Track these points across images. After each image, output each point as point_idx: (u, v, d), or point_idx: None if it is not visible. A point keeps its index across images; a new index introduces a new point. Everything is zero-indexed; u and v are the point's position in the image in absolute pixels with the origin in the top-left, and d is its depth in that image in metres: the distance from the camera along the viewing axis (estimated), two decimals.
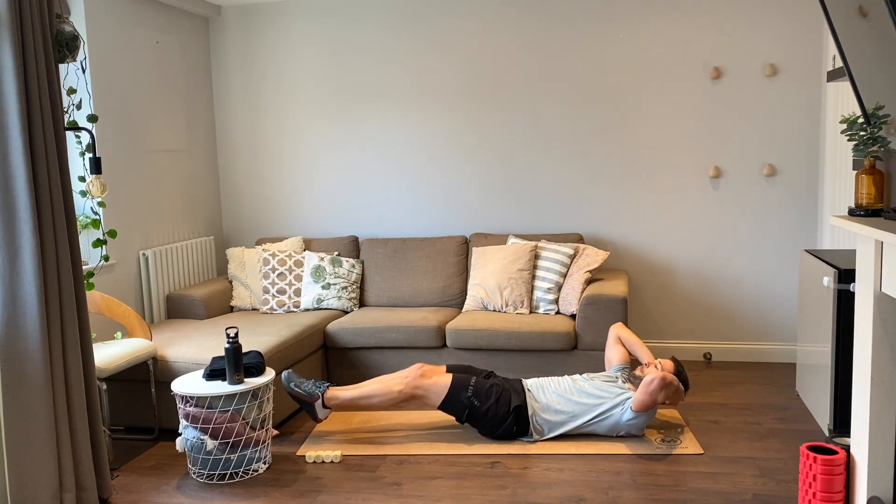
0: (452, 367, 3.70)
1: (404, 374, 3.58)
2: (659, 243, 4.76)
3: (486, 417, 3.49)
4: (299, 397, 3.55)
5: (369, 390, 3.54)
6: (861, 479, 2.54)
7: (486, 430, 3.53)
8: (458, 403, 3.50)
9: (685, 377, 3.57)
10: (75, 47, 2.87)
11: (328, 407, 3.57)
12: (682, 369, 3.58)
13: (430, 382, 3.52)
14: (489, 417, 3.48)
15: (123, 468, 3.40)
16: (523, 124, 4.83)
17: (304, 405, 3.56)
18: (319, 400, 3.55)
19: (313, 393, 3.54)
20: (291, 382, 3.55)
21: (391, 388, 3.52)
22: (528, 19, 4.75)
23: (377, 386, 3.55)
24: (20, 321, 2.71)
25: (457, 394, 3.50)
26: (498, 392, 3.50)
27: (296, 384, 3.55)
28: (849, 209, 2.87)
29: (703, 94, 4.59)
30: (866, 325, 2.48)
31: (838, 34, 2.79)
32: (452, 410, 3.53)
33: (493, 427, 3.50)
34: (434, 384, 3.51)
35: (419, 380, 3.52)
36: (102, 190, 3.12)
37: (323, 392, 3.55)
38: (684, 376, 3.56)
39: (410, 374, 3.55)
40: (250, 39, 5.15)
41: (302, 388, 3.55)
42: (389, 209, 5.09)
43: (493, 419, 3.48)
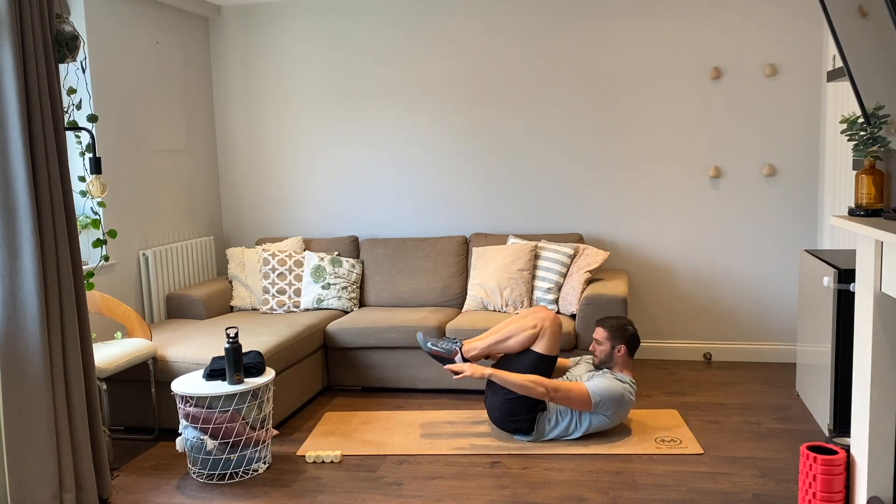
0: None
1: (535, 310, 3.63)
2: (659, 243, 4.76)
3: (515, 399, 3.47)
4: (439, 355, 3.63)
5: (505, 332, 3.58)
6: (861, 479, 2.54)
7: (502, 411, 3.50)
8: (538, 359, 3.52)
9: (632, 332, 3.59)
10: (75, 47, 2.87)
11: (468, 360, 3.62)
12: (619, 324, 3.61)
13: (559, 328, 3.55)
14: (517, 400, 3.46)
15: (123, 468, 3.40)
16: (523, 124, 4.83)
17: (445, 362, 3.64)
18: (458, 354, 3.62)
19: (451, 349, 3.63)
20: (428, 342, 3.64)
21: (525, 326, 3.54)
22: (527, 20, 4.75)
23: (511, 328, 3.58)
24: (20, 321, 2.71)
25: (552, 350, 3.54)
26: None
27: (433, 343, 3.64)
28: (849, 209, 2.87)
29: (703, 94, 4.59)
30: (866, 325, 2.48)
31: (838, 34, 2.79)
32: (527, 357, 3.54)
33: (510, 412, 3.48)
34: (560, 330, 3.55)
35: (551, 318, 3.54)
36: (102, 190, 3.12)
37: (460, 346, 3.63)
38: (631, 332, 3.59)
39: (540, 311, 3.59)
40: (250, 39, 5.15)
41: (440, 346, 3.63)
42: (389, 209, 5.09)
43: (519, 405, 3.46)
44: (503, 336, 3.58)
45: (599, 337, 3.59)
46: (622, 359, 3.56)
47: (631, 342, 3.57)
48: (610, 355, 3.57)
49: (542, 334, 3.52)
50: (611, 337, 3.56)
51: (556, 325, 3.53)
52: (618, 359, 3.56)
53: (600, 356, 3.59)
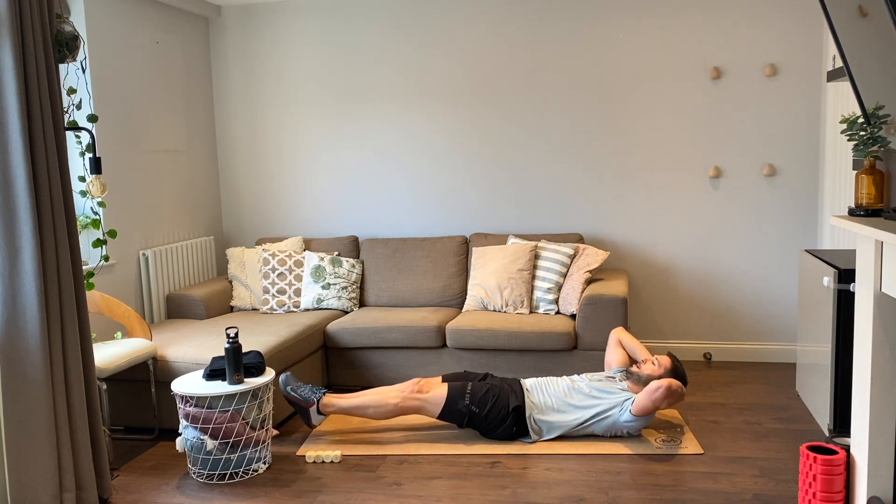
0: (448, 377, 3.71)
1: (401, 387, 3.58)
2: (659, 243, 4.76)
3: (486, 421, 3.49)
4: (295, 401, 3.56)
5: (366, 401, 3.55)
6: (861, 479, 2.54)
7: (487, 431, 3.53)
8: (456, 412, 3.51)
9: (682, 372, 3.56)
10: (75, 47, 2.87)
11: (323, 413, 3.58)
12: (679, 365, 3.58)
13: (427, 395, 3.52)
14: (489, 420, 3.48)
15: (123, 468, 3.40)
16: (523, 124, 4.83)
17: (300, 409, 3.57)
18: (315, 406, 3.55)
19: (309, 399, 3.55)
20: (288, 386, 3.56)
21: (387, 400, 3.52)
22: (527, 19, 4.75)
23: (374, 398, 3.55)
24: (20, 321, 2.71)
25: (454, 403, 3.50)
26: (495, 394, 3.50)
27: (292, 388, 3.56)
28: (849, 209, 2.87)
29: (703, 94, 4.59)
30: (866, 325, 2.48)
31: (838, 34, 2.79)
32: (452, 419, 3.53)
33: (493, 428, 3.51)
34: (431, 396, 3.52)
35: (416, 393, 3.53)
36: (102, 190, 3.12)
37: (319, 398, 3.56)
38: (681, 372, 3.56)
39: (407, 388, 3.55)
40: (250, 39, 5.15)
41: (298, 392, 3.55)
42: (389, 209, 5.09)
43: (493, 421, 3.49)
44: (364, 404, 3.54)
45: (662, 362, 3.54)
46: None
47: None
48: (647, 379, 3.49)
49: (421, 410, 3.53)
50: (667, 372, 3.51)
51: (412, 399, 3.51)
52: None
53: (645, 373, 3.51)
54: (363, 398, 3.56)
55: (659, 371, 3.52)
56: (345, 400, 3.56)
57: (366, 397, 3.56)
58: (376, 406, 3.53)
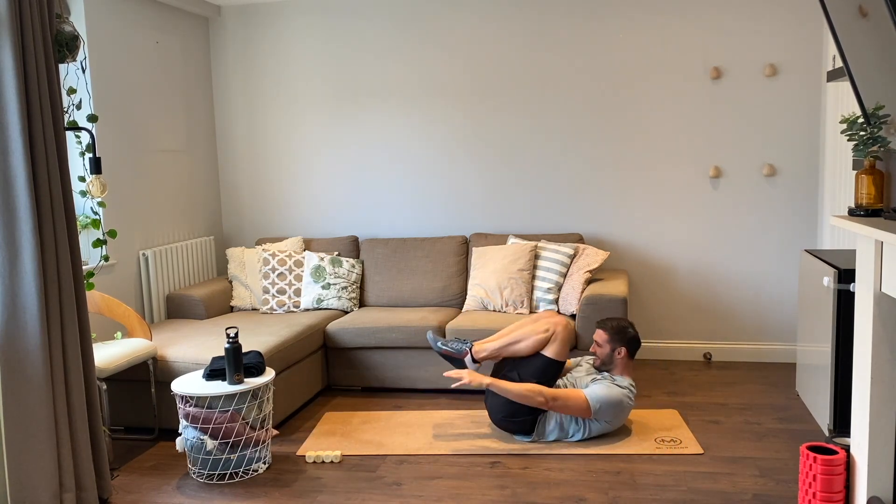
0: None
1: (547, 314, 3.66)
2: (659, 243, 4.76)
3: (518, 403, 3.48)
4: (449, 355, 3.62)
5: (516, 335, 3.57)
6: (861, 479, 2.54)
7: (505, 412, 3.50)
8: (547, 364, 3.51)
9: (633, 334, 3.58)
10: (75, 47, 2.87)
11: (477, 361, 3.61)
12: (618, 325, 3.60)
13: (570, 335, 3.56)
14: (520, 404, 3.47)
15: (123, 468, 3.40)
16: (523, 124, 4.83)
17: (454, 361, 3.63)
18: (468, 355, 3.61)
19: (461, 349, 3.62)
20: (438, 342, 3.64)
21: (537, 329, 3.53)
22: (527, 19, 4.75)
23: (523, 331, 3.57)
24: (20, 321, 2.71)
25: (556, 366, 3.53)
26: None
27: (442, 343, 3.64)
28: (849, 209, 2.87)
29: (703, 94, 4.59)
30: (866, 325, 2.48)
31: (838, 34, 2.79)
32: (536, 361, 3.52)
33: (511, 413, 3.48)
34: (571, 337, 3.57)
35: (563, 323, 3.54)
36: (102, 190, 3.12)
37: (470, 347, 3.62)
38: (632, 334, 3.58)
39: (553, 316, 3.61)
40: (250, 39, 5.15)
41: (450, 346, 3.63)
42: (389, 209, 5.09)
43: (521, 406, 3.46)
44: (514, 339, 3.56)
45: (599, 339, 3.59)
46: (622, 361, 3.56)
47: (631, 344, 3.56)
48: (610, 357, 3.56)
49: (554, 339, 3.52)
50: (611, 339, 3.56)
51: (567, 330, 3.53)
52: (618, 361, 3.56)
53: (601, 358, 3.58)
54: (511, 335, 3.59)
55: (606, 346, 3.57)
56: (494, 342, 3.60)
57: (513, 334, 3.59)
58: (527, 337, 3.54)
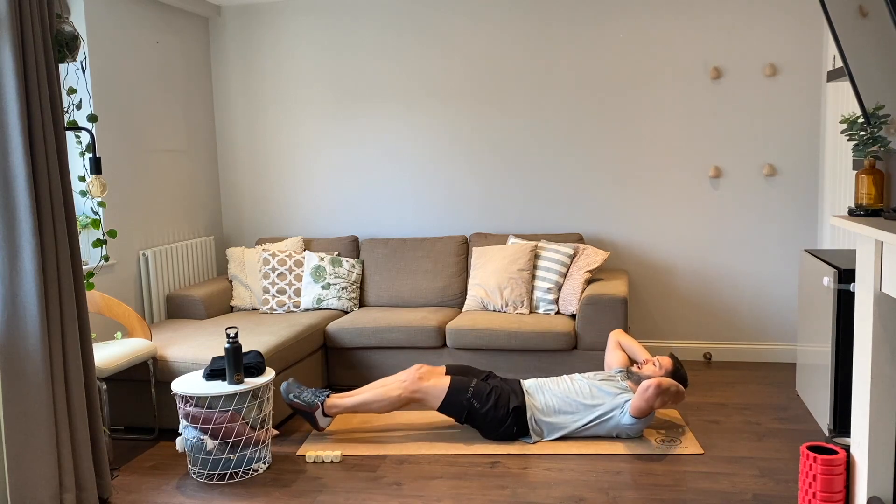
0: (451, 368, 3.70)
1: (402, 377, 3.57)
2: (659, 243, 4.76)
3: (486, 419, 3.49)
4: (299, 408, 3.55)
5: (369, 396, 3.54)
6: (861, 479, 2.54)
7: (487, 431, 3.53)
8: (457, 405, 3.50)
9: (683, 374, 3.56)
10: (75, 47, 2.87)
11: (329, 415, 3.58)
12: (681, 366, 3.58)
13: (429, 385, 3.51)
14: (489, 419, 3.48)
15: (123, 468, 3.40)
16: (523, 124, 4.83)
17: (305, 415, 3.57)
18: (319, 409, 3.55)
19: (313, 403, 3.55)
20: (290, 393, 3.55)
21: (389, 393, 3.52)
22: (527, 19, 4.75)
23: (376, 391, 3.55)
24: (20, 321, 2.71)
25: (456, 395, 3.50)
26: (497, 394, 3.50)
27: (295, 395, 3.55)
28: (849, 209, 2.87)
29: (703, 94, 4.59)
30: (866, 325, 2.48)
31: (838, 34, 2.79)
32: (452, 412, 3.53)
33: (493, 428, 3.50)
34: (433, 387, 3.51)
35: (417, 383, 3.51)
36: (102, 190, 3.12)
37: (322, 401, 3.56)
38: (682, 373, 3.55)
39: (409, 378, 3.54)
40: (250, 39, 5.15)
41: (301, 398, 3.55)
42: (389, 209, 5.09)
43: (492, 421, 3.48)
44: (368, 399, 3.54)
45: (663, 363, 3.54)
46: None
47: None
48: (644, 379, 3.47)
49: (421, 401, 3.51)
50: (668, 373, 3.51)
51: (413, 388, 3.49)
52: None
53: (642, 371, 3.52)
54: (365, 395, 3.56)
55: (659, 372, 3.52)
56: (348, 399, 3.56)
57: (368, 393, 3.56)
58: (379, 400, 3.52)
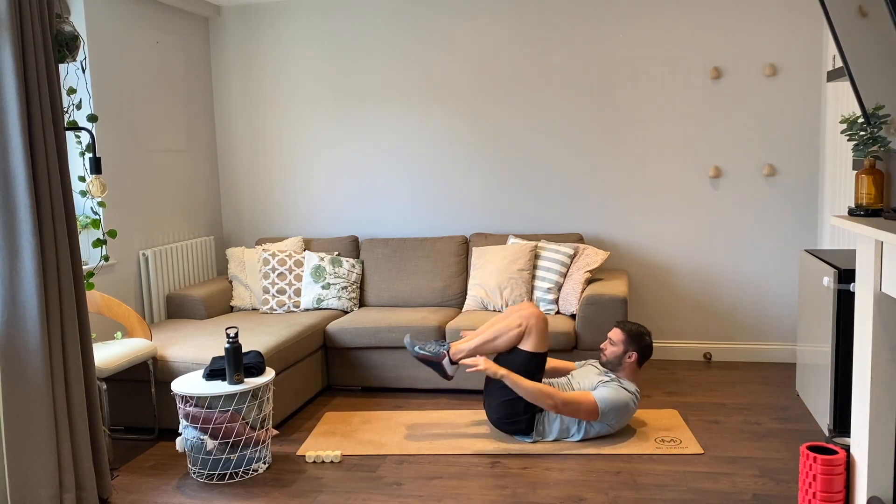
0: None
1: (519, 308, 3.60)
2: (659, 243, 4.76)
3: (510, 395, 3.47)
4: (427, 359, 3.59)
5: (491, 332, 3.56)
6: (861, 479, 2.54)
7: (499, 411, 3.51)
8: (528, 357, 3.50)
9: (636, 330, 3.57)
10: (75, 47, 2.87)
11: (455, 363, 3.60)
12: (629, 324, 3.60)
13: (544, 325, 3.52)
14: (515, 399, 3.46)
15: (123, 468, 3.40)
16: (523, 124, 4.83)
17: (433, 365, 3.61)
18: (447, 357, 3.59)
19: (439, 352, 3.59)
20: (416, 346, 3.61)
21: (510, 325, 3.52)
22: (527, 19, 4.75)
23: (497, 327, 3.56)
24: (20, 321, 2.71)
25: (541, 355, 3.51)
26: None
27: (420, 347, 3.61)
28: (849, 209, 2.87)
29: (703, 94, 4.59)
30: (866, 325, 2.48)
31: (838, 34, 2.79)
32: (516, 357, 3.51)
33: (507, 412, 3.48)
34: (546, 326, 3.52)
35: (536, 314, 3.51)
36: (102, 190, 3.12)
37: (447, 349, 3.60)
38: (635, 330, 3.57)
39: (525, 308, 3.56)
40: (250, 39, 5.15)
41: (427, 349, 3.60)
42: (389, 209, 5.09)
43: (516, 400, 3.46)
44: (490, 336, 3.55)
45: (615, 337, 3.57)
46: (631, 365, 3.55)
47: (644, 352, 3.55)
48: (619, 359, 3.54)
49: (529, 332, 3.50)
50: (626, 341, 3.54)
51: (541, 321, 3.51)
52: (626, 364, 3.54)
53: (609, 356, 3.57)
54: (487, 332, 3.57)
55: (619, 346, 3.55)
56: (470, 342, 3.59)
57: (489, 331, 3.57)
58: (504, 333, 3.53)
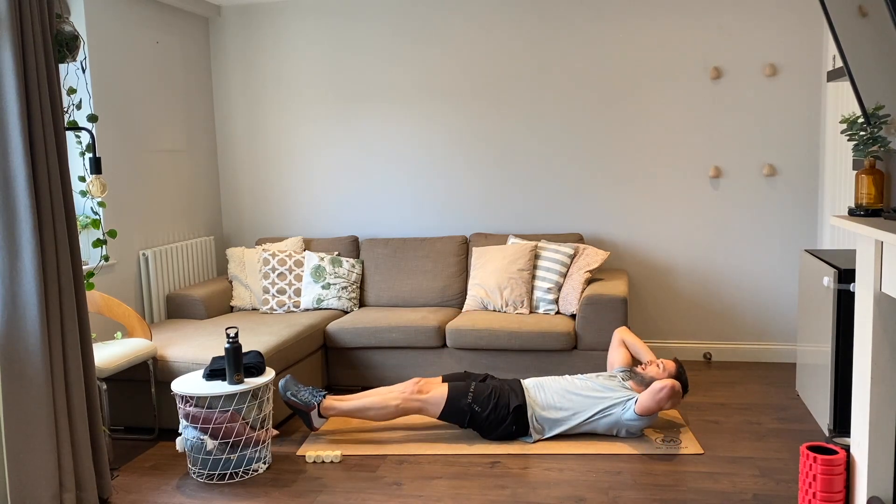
0: (448, 377, 3.71)
1: (401, 387, 3.58)
2: (659, 243, 4.76)
3: (487, 421, 3.49)
4: (295, 406, 3.54)
5: (366, 403, 3.54)
6: (861, 479, 2.54)
7: (487, 432, 3.53)
8: (458, 411, 3.50)
9: (685, 379, 3.57)
10: (75, 47, 2.87)
11: (324, 416, 3.57)
12: (683, 371, 3.58)
13: (428, 395, 3.51)
14: (490, 421, 3.48)
15: (123, 468, 3.40)
16: (523, 124, 4.83)
17: (300, 413, 3.56)
18: (315, 409, 3.54)
19: (310, 402, 3.54)
20: (288, 391, 3.54)
21: (388, 402, 3.51)
22: (527, 19, 4.75)
23: (374, 399, 3.54)
24: (20, 321, 2.71)
25: (457, 401, 3.50)
26: (497, 394, 3.50)
27: (292, 392, 3.54)
28: (849, 209, 2.87)
29: (703, 94, 4.59)
30: (866, 325, 2.48)
31: (838, 34, 2.79)
32: (454, 418, 3.53)
33: (493, 429, 3.50)
34: (431, 396, 3.51)
35: (416, 394, 3.52)
36: (102, 190, 3.12)
37: (319, 402, 3.55)
38: (684, 378, 3.56)
39: (407, 389, 3.54)
40: (250, 39, 5.15)
41: (298, 396, 3.54)
42: (389, 209, 5.09)
43: (493, 422, 3.48)
44: (365, 406, 3.53)
45: (668, 367, 3.54)
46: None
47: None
48: (650, 381, 3.48)
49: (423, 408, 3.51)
50: (671, 376, 3.51)
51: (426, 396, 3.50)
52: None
53: (649, 373, 3.53)
54: (363, 400, 3.55)
55: (663, 375, 3.52)
56: (345, 403, 3.56)
57: (366, 399, 3.56)
58: (377, 408, 3.52)
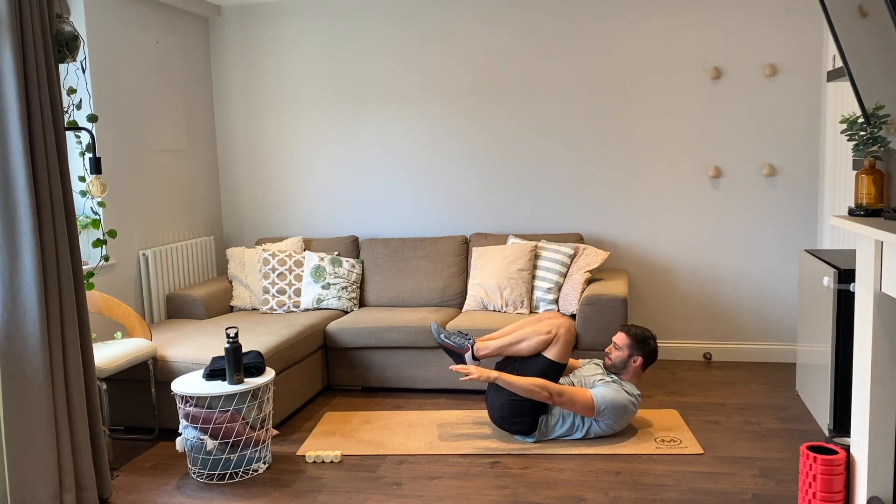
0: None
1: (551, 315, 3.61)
2: (659, 243, 4.76)
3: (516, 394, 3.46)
4: (449, 348, 3.61)
5: (518, 335, 3.55)
6: (861, 479, 2.54)
7: (503, 410, 3.50)
8: (549, 365, 3.49)
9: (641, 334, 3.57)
10: (75, 47, 2.87)
11: (477, 358, 3.61)
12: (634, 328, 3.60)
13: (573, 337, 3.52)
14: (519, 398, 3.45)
15: (123, 468, 3.40)
16: (523, 124, 4.83)
17: (454, 356, 3.63)
18: (469, 352, 3.60)
19: (463, 345, 3.61)
20: (441, 334, 3.63)
21: (539, 330, 3.51)
22: (527, 19, 4.75)
23: (525, 331, 3.55)
24: (20, 321, 2.71)
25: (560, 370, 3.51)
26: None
27: (445, 335, 3.63)
28: (849, 209, 2.87)
29: (703, 94, 4.59)
30: (866, 325, 2.49)
31: (838, 34, 2.79)
32: (537, 362, 3.50)
33: (511, 411, 3.47)
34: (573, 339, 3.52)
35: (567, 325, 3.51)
36: (102, 190, 3.12)
37: (472, 344, 3.61)
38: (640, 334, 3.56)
39: (557, 318, 3.56)
40: (250, 39, 5.15)
41: (452, 339, 3.62)
42: (389, 209, 5.09)
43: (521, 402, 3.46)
44: (516, 338, 3.55)
45: (620, 342, 3.57)
46: (635, 369, 3.54)
47: (649, 356, 3.55)
48: (624, 363, 3.54)
49: (556, 341, 3.49)
50: (631, 345, 3.54)
51: (570, 333, 3.51)
52: (631, 368, 3.54)
53: (614, 360, 3.56)
54: (514, 335, 3.57)
55: (624, 351, 3.55)
56: (496, 341, 3.59)
57: (516, 333, 3.58)
58: (530, 338, 3.52)
